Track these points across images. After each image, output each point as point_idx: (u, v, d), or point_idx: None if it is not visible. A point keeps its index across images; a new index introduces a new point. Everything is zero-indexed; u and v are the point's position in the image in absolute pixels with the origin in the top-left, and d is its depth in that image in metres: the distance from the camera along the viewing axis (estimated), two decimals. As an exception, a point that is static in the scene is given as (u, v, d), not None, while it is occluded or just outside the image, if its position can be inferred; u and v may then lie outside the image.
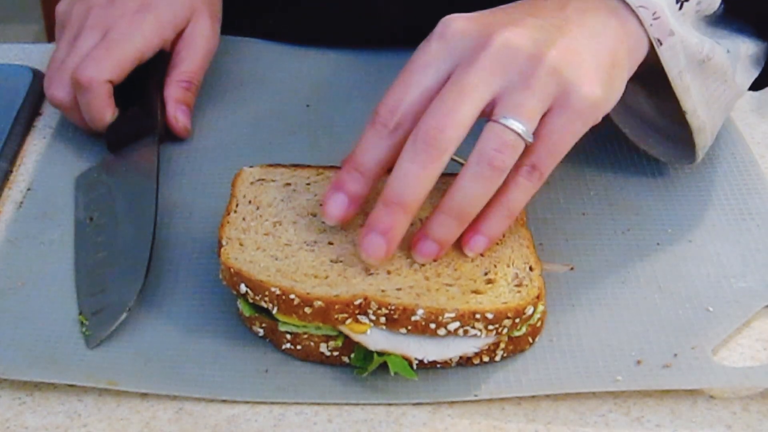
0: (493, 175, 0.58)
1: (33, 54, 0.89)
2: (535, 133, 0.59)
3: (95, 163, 0.76)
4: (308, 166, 0.69)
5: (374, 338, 0.59)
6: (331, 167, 0.69)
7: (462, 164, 0.59)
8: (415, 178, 0.58)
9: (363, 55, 0.88)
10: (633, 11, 0.62)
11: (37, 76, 0.85)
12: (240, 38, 0.89)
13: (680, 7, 0.64)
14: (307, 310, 0.58)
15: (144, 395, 0.60)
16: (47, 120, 0.82)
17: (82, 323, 0.63)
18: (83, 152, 0.77)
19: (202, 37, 0.80)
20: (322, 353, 0.60)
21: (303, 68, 0.86)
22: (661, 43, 0.62)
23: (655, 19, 0.62)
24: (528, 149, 0.59)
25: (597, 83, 0.59)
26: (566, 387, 0.59)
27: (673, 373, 0.60)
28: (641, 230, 0.70)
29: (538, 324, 0.61)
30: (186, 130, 0.78)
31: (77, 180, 0.75)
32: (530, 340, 0.61)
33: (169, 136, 0.78)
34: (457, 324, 0.58)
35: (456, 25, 0.60)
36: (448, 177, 0.60)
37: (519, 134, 0.58)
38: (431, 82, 0.59)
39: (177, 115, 0.77)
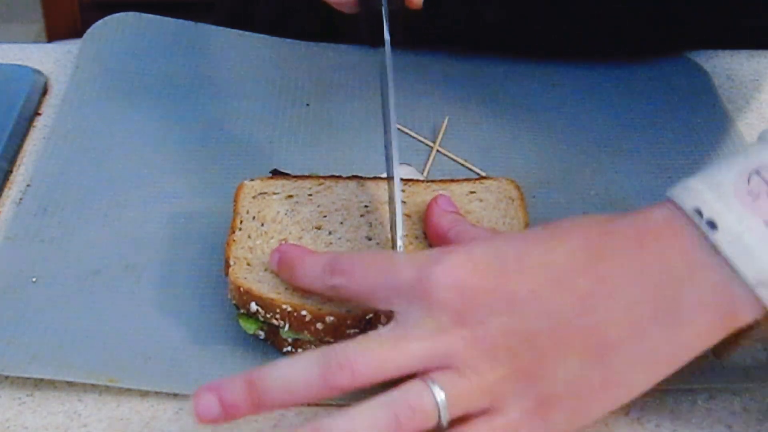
0: (388, 425, 0.50)
1: (33, 54, 0.89)
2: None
3: None
4: (309, 177, 0.69)
5: None
6: (332, 177, 0.69)
7: (422, 141, 0.57)
8: (293, 389, 0.52)
9: (364, 53, 0.88)
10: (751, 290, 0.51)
11: (38, 76, 0.85)
12: (239, 32, 0.89)
13: None
14: (319, 326, 0.58)
15: (144, 395, 0.60)
16: (47, 120, 0.82)
17: None
18: (82, 150, 0.77)
19: None
20: (324, 356, 0.60)
21: (303, 65, 0.86)
22: None
23: None
24: None
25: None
26: (566, 387, 0.59)
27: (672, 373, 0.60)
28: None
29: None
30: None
31: None
32: (530, 340, 0.61)
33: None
34: None
35: (444, 295, 0.51)
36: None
37: (438, 407, 0.50)
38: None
39: None
